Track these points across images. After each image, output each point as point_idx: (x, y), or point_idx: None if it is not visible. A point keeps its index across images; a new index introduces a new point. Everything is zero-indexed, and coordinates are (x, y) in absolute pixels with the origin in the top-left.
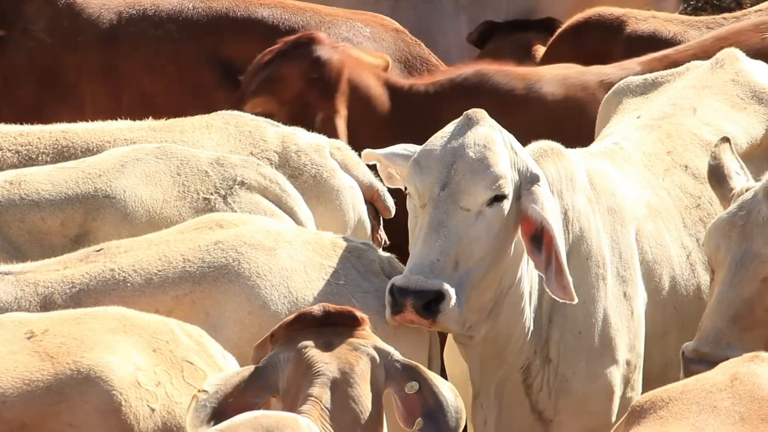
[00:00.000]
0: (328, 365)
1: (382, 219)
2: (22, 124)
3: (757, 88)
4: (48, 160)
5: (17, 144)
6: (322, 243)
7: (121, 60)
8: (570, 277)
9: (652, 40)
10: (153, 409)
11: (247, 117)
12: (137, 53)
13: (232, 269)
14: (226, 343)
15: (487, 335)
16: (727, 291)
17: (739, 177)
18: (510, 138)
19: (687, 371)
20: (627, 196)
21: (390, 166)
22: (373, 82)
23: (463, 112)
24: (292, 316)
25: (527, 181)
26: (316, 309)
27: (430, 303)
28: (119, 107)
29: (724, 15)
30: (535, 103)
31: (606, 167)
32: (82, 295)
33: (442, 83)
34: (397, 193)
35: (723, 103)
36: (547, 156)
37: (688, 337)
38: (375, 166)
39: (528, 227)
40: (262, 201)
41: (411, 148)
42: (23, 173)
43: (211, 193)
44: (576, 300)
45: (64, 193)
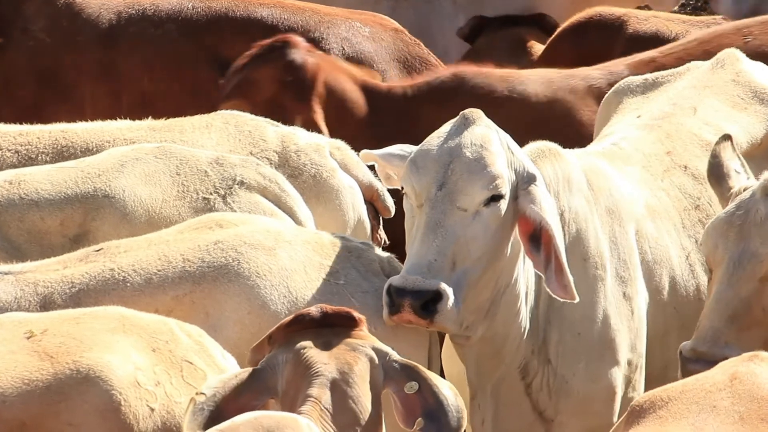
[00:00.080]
0: (327, 366)
1: (381, 219)
2: (21, 123)
3: (757, 89)
4: (47, 159)
5: (17, 144)
6: (322, 243)
7: (120, 60)
8: (570, 276)
9: (654, 41)
10: (152, 409)
11: (247, 117)
12: (137, 53)
13: (232, 269)
14: (226, 342)
15: (484, 335)
16: (724, 290)
17: (739, 176)
18: (506, 138)
19: (684, 370)
20: (626, 197)
21: (387, 167)
22: (349, 86)
23: (442, 112)
24: (289, 318)
25: (524, 181)
26: (314, 310)
27: (428, 303)
28: (119, 107)
29: (724, 15)
30: (517, 105)
31: (604, 167)
32: (82, 295)
33: (420, 86)
34: (397, 193)
35: (723, 103)
36: (544, 156)
37: (689, 337)
38: (374, 166)
39: (526, 227)
40: (261, 201)
41: (407, 149)
42: (23, 173)
43: (211, 193)
44: (577, 299)
45: (64, 193)
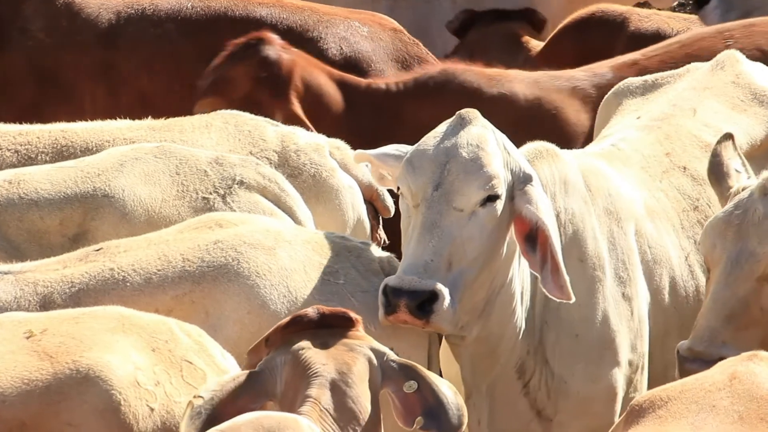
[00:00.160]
0: (326, 366)
1: (381, 218)
2: (21, 123)
3: (757, 91)
4: (47, 159)
5: (17, 143)
6: (322, 242)
7: (119, 59)
8: (567, 277)
9: (655, 39)
10: (152, 409)
11: (247, 116)
12: (136, 53)
13: (232, 269)
14: (226, 342)
15: (479, 335)
16: (722, 290)
17: (740, 175)
18: (503, 138)
19: (682, 370)
20: (624, 197)
21: (381, 167)
22: (326, 81)
23: (425, 109)
24: (286, 319)
25: (520, 181)
26: (311, 311)
27: (424, 303)
28: (118, 106)
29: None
30: (504, 104)
31: (603, 168)
32: (82, 295)
33: (406, 82)
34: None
35: (723, 104)
36: (541, 157)
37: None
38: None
39: (522, 227)
40: (261, 200)
41: (403, 149)
42: (22, 172)
43: (210, 193)
44: (573, 299)
45: (63, 193)
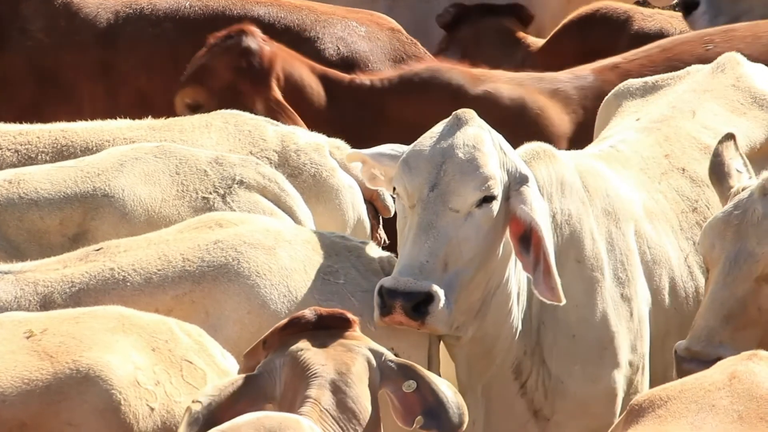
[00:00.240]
0: (325, 367)
1: (381, 218)
2: (21, 123)
3: (757, 94)
4: (47, 159)
5: (17, 143)
6: (322, 242)
7: (118, 59)
8: (558, 278)
9: (658, 38)
10: (152, 408)
11: (247, 116)
12: (134, 52)
13: (232, 268)
14: (226, 342)
15: (475, 335)
16: (720, 290)
17: (741, 175)
18: (499, 138)
19: (679, 370)
20: (623, 197)
21: (375, 167)
22: (307, 73)
23: (409, 106)
24: (283, 321)
25: (516, 181)
26: (308, 313)
27: (419, 305)
28: (117, 106)
29: None
30: (488, 103)
31: (601, 169)
32: (82, 295)
33: (391, 78)
34: None
35: (723, 107)
36: (539, 158)
37: None
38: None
39: (517, 228)
40: (261, 200)
41: (399, 148)
42: (22, 172)
43: (210, 192)
44: (563, 301)
45: (63, 192)
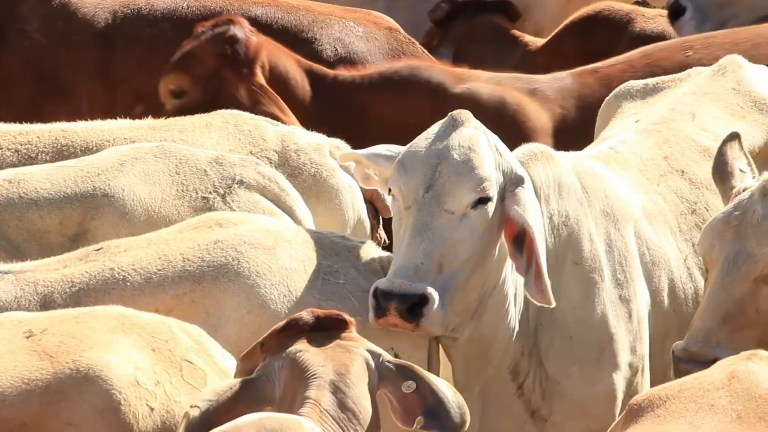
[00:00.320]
0: (324, 367)
1: (381, 218)
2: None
3: (758, 98)
4: (47, 159)
5: (17, 143)
6: (322, 242)
7: (116, 59)
8: (548, 281)
9: (659, 40)
10: (152, 408)
11: (247, 116)
12: (132, 52)
13: (232, 268)
14: (226, 342)
15: (471, 336)
16: (718, 290)
17: (744, 175)
18: (495, 139)
19: (676, 370)
20: (621, 198)
21: (370, 167)
22: (293, 66)
23: (390, 103)
24: (280, 324)
25: (511, 182)
26: (306, 314)
27: (414, 307)
28: (115, 106)
29: None
30: (468, 102)
31: (599, 170)
32: (82, 294)
33: (371, 75)
34: None
35: (722, 110)
36: (536, 159)
37: None
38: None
39: (511, 229)
40: (260, 200)
41: (394, 149)
42: (22, 172)
43: (210, 192)
44: (553, 304)
45: (63, 192)
